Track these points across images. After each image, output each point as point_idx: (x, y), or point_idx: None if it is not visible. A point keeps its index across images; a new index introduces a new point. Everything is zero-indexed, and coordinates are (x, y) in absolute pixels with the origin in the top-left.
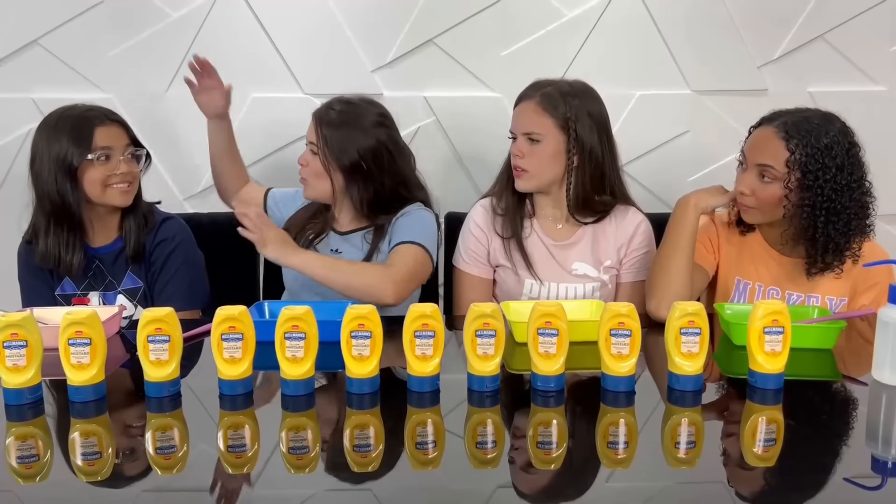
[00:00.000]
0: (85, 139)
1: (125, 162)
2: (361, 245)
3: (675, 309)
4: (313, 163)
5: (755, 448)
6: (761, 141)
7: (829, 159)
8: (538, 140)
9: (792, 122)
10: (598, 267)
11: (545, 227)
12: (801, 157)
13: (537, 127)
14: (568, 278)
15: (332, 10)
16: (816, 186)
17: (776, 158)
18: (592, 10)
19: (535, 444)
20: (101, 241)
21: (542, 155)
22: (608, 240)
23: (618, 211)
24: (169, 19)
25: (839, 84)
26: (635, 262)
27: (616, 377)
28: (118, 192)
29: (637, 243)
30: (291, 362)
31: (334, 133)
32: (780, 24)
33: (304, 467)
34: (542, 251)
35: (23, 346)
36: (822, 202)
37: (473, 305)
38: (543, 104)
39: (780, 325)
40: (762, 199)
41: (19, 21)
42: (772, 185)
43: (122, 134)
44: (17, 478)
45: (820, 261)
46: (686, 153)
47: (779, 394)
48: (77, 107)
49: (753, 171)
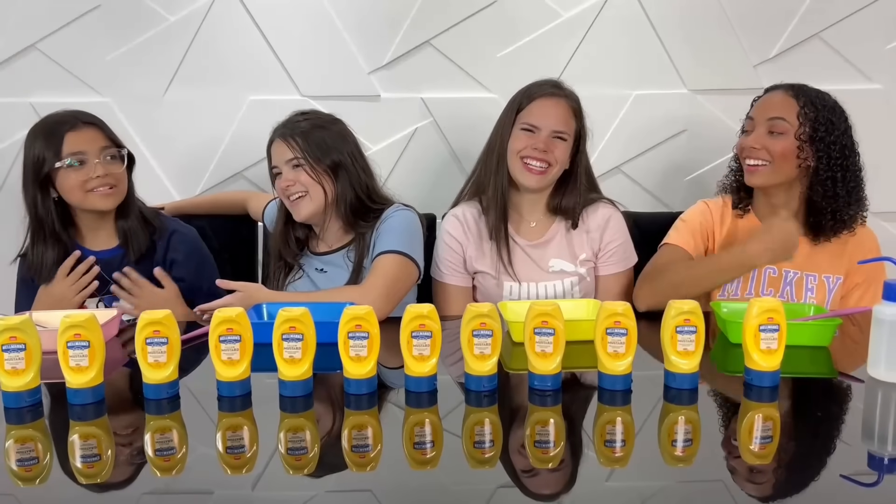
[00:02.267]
0: (54, 146)
1: (102, 164)
2: (345, 263)
3: (670, 307)
4: (300, 177)
5: (752, 445)
6: (770, 100)
7: (835, 118)
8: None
9: (798, 86)
10: (574, 262)
11: (520, 230)
12: (811, 112)
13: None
14: (546, 276)
15: (328, 13)
16: (828, 141)
17: (788, 111)
18: (588, 11)
19: (533, 444)
20: (100, 246)
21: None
22: (580, 235)
23: (587, 208)
24: (166, 23)
25: (835, 82)
26: (611, 254)
27: (612, 376)
28: (99, 196)
29: (610, 236)
30: (289, 363)
31: (308, 139)
32: (776, 23)
33: (303, 468)
34: (519, 253)
35: (21, 350)
36: (837, 158)
37: (470, 305)
38: (573, 108)
39: (776, 323)
40: (774, 153)
41: (17, 25)
42: (782, 138)
43: (97, 136)
44: (16, 480)
45: (843, 213)
46: (683, 152)
47: (775, 391)
48: (56, 114)
49: (763, 126)
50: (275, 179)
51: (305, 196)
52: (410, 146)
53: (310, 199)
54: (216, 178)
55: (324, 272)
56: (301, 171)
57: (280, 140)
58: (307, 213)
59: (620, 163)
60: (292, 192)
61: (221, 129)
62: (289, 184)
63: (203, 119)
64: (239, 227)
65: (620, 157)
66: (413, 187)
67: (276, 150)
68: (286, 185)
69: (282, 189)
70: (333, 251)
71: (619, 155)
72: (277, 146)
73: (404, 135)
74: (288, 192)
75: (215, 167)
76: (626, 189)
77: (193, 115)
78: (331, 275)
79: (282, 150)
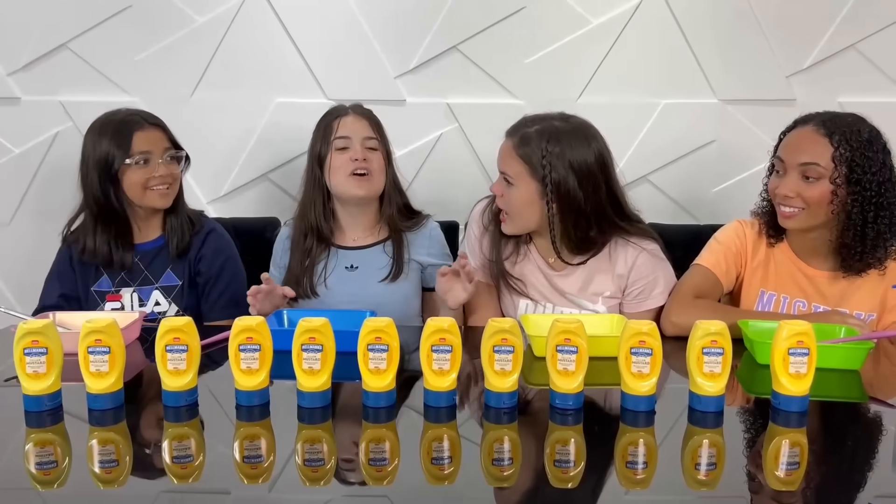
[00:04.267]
0: (124, 144)
1: (164, 165)
2: (381, 258)
3: (697, 328)
4: (373, 157)
5: (777, 471)
6: (802, 141)
7: (871, 153)
8: (512, 183)
9: (829, 119)
10: (594, 299)
11: (542, 253)
12: (846, 152)
13: (511, 170)
14: (563, 302)
15: (356, 17)
16: (865, 181)
17: (821, 155)
18: (618, 18)
19: (553, 463)
20: (142, 238)
21: (516, 199)
22: (604, 276)
23: (615, 244)
24: (195, 24)
25: (870, 95)
26: (639, 292)
27: (636, 396)
28: (158, 195)
29: (636, 275)
30: (308, 374)
31: (381, 127)
32: (810, 33)
33: (320, 480)
34: (539, 275)
35: (43, 354)
36: (871, 196)
37: (492, 320)
38: (517, 146)
39: (806, 347)
40: (809, 200)
41: (49, 25)
42: (818, 183)
43: (161, 137)
44: (35, 483)
45: (868, 256)
46: (712, 163)
47: (803, 416)
48: (120, 111)
49: (795, 172)
50: (325, 155)
51: (369, 176)
52: (435, 151)
53: (372, 182)
54: (241, 179)
55: (354, 269)
56: (377, 153)
57: (359, 116)
58: (367, 192)
59: (647, 172)
60: (360, 167)
61: (247, 130)
62: (362, 158)
63: (229, 120)
64: (263, 231)
65: (648, 167)
66: (436, 192)
67: (351, 124)
68: (357, 159)
69: (347, 161)
70: (365, 246)
71: (646, 164)
72: (354, 121)
73: (429, 140)
74: (357, 166)
75: (240, 168)
76: (652, 199)
77: (220, 116)
78: (363, 271)
79: (360, 125)
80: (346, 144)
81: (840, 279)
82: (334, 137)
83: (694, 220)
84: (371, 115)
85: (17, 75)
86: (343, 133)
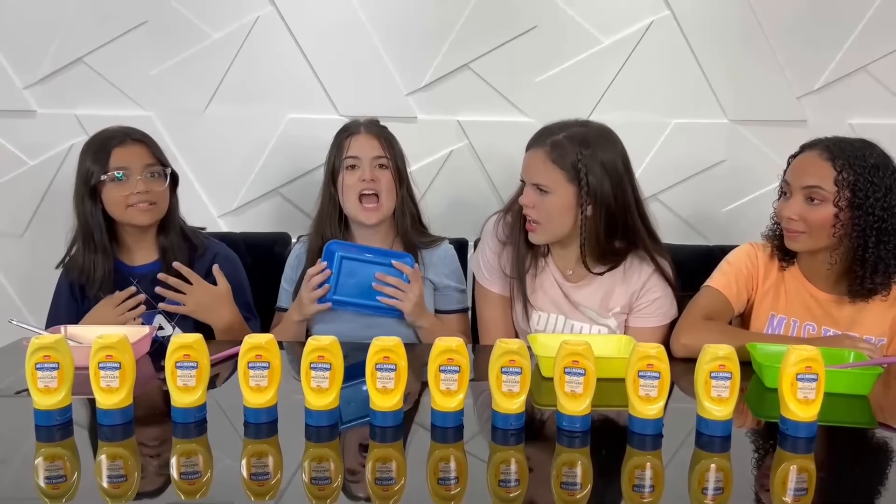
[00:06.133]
0: (102, 159)
1: (143, 181)
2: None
3: (705, 352)
4: (382, 177)
5: (785, 497)
6: (806, 164)
7: (877, 178)
8: (547, 192)
9: (835, 144)
10: (606, 313)
11: (559, 266)
12: (850, 176)
13: (546, 179)
14: (576, 315)
15: (368, 34)
16: (867, 206)
17: (824, 179)
18: (629, 38)
19: (559, 485)
20: (139, 261)
21: (551, 207)
22: (618, 290)
23: (630, 261)
24: (209, 40)
25: (882, 117)
26: (645, 307)
27: (643, 419)
28: (138, 212)
29: (647, 292)
30: (316, 393)
31: (394, 144)
32: (822, 55)
33: (326, 498)
34: (555, 288)
35: (54, 369)
36: (874, 221)
37: (500, 341)
38: (553, 154)
39: (814, 372)
40: (812, 223)
41: (65, 40)
42: (821, 206)
43: (142, 153)
44: (44, 497)
45: (868, 281)
46: (722, 183)
47: (811, 442)
48: (109, 129)
49: (799, 195)
50: (338, 172)
51: (378, 200)
52: (445, 168)
53: (381, 206)
54: (253, 193)
55: None
56: (386, 171)
57: (369, 134)
58: (377, 219)
59: (657, 191)
60: (369, 188)
61: (260, 145)
62: (372, 179)
63: (242, 135)
64: (274, 245)
65: (658, 186)
66: (446, 210)
67: (361, 143)
68: (365, 180)
69: (356, 181)
70: None
71: (656, 183)
72: (364, 139)
73: (439, 156)
74: (364, 187)
75: (252, 183)
76: (662, 218)
77: (233, 130)
78: None
79: (370, 144)
80: (355, 164)
81: (849, 303)
82: (345, 156)
83: (704, 239)
84: (383, 133)
85: (33, 88)
86: (353, 153)
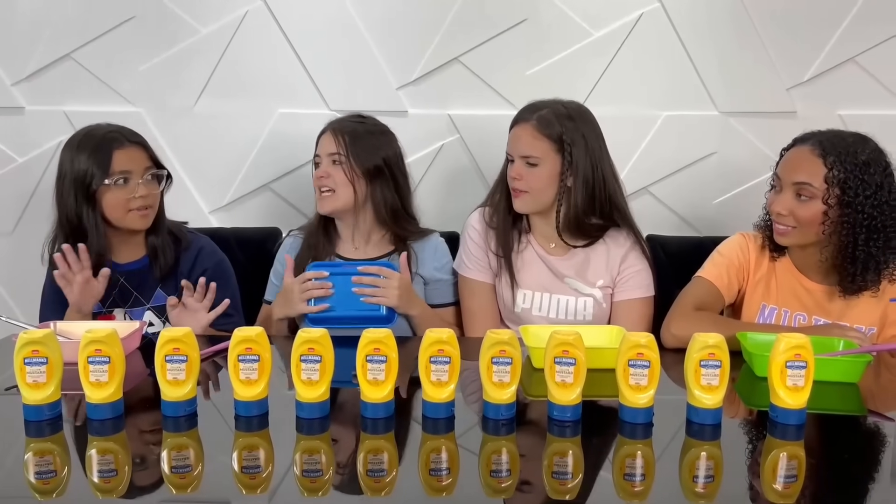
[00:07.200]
0: (104, 162)
1: (144, 184)
2: None
3: (695, 341)
4: (335, 173)
5: (775, 484)
6: (797, 160)
7: (867, 176)
8: (535, 164)
9: (827, 139)
10: (590, 284)
11: (541, 242)
12: (840, 174)
13: (535, 150)
14: (561, 289)
15: (358, 28)
16: (857, 203)
17: (814, 175)
18: (619, 31)
19: (551, 475)
20: (126, 258)
21: (539, 177)
22: (599, 262)
23: (610, 235)
24: (198, 35)
25: (870, 108)
26: (628, 279)
27: (634, 408)
28: (138, 217)
29: (629, 263)
30: (307, 385)
31: (357, 141)
32: (811, 47)
33: (318, 490)
34: (538, 263)
35: (43, 363)
36: (863, 219)
37: (490, 332)
38: (540, 127)
39: (803, 360)
40: (801, 219)
41: (53, 36)
42: (810, 203)
43: (141, 156)
44: (34, 493)
45: (859, 278)
46: (712, 175)
47: (801, 429)
48: (101, 127)
49: (790, 190)
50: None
51: (333, 193)
52: (436, 162)
53: (336, 197)
54: (243, 189)
55: None
56: (339, 168)
57: (329, 133)
58: (330, 208)
59: (648, 184)
60: (322, 184)
61: (250, 140)
62: (322, 176)
63: (232, 131)
64: (265, 241)
65: (648, 179)
66: (438, 203)
67: (323, 142)
68: (319, 177)
69: (315, 178)
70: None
71: (647, 176)
72: (326, 138)
73: (430, 150)
74: (319, 183)
75: (243, 178)
76: (653, 211)
77: (222, 126)
78: None
79: (328, 142)
80: (317, 161)
81: (838, 295)
82: (314, 154)
83: (695, 231)
84: (344, 129)
85: (20, 85)
86: (317, 150)
